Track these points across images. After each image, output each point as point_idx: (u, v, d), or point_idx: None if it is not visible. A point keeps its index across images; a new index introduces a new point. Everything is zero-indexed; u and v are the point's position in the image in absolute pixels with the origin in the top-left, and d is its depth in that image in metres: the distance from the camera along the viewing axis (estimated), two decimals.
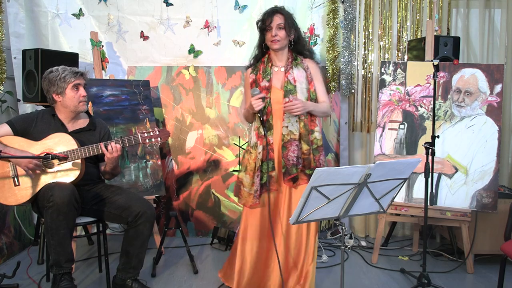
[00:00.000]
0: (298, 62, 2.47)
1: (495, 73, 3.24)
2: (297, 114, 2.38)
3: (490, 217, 3.20)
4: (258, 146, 2.44)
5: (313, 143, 2.45)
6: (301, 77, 2.45)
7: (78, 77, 2.60)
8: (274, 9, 2.45)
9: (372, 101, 3.96)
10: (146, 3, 3.91)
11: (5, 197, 2.49)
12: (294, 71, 2.45)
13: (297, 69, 2.46)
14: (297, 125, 2.42)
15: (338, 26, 3.77)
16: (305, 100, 2.45)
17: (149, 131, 2.58)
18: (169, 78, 3.93)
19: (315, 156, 2.44)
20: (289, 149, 2.40)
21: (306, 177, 2.42)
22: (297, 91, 2.42)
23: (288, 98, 2.40)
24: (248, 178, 2.45)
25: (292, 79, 2.43)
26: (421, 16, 3.90)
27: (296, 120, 2.42)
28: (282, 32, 2.40)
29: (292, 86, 2.42)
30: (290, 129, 2.41)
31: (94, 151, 2.50)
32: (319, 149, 2.45)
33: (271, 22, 2.41)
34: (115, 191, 2.68)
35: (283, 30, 2.40)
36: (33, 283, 2.88)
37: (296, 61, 2.48)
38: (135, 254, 2.59)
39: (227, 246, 3.58)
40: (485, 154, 3.18)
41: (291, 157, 2.40)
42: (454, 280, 3.03)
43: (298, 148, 2.40)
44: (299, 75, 2.45)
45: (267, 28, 2.43)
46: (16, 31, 3.72)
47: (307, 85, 2.46)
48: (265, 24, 2.43)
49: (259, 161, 2.42)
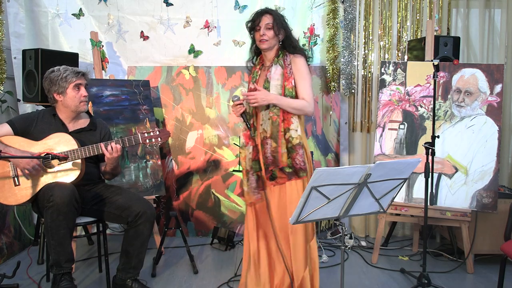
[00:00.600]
0: (279, 59, 2.44)
1: (495, 73, 3.24)
2: (255, 105, 2.39)
3: (490, 217, 3.20)
4: (248, 147, 2.48)
5: (288, 141, 2.38)
6: (276, 74, 2.41)
7: (79, 77, 2.61)
8: (263, 10, 2.46)
9: (372, 101, 3.96)
10: (146, 3, 3.91)
11: (5, 197, 2.49)
12: (272, 68, 2.43)
13: (275, 66, 2.43)
14: (269, 122, 2.40)
15: (338, 26, 3.77)
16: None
17: (149, 131, 2.58)
18: (169, 78, 3.93)
19: (291, 155, 2.37)
20: (265, 147, 2.41)
21: (286, 175, 2.39)
22: (270, 87, 2.41)
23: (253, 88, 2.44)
24: (243, 176, 2.53)
25: (269, 76, 2.42)
26: (421, 16, 3.90)
27: (268, 118, 2.40)
28: (270, 32, 2.40)
29: (268, 84, 2.42)
30: (264, 127, 2.41)
31: (94, 151, 2.50)
32: (295, 148, 2.36)
33: (259, 22, 2.41)
34: (115, 191, 2.68)
35: (271, 30, 2.40)
36: (33, 283, 2.88)
37: (277, 58, 2.45)
38: (135, 254, 2.60)
39: (227, 246, 3.58)
40: (485, 154, 3.18)
41: (268, 155, 2.40)
42: (454, 280, 3.03)
43: (270, 145, 2.40)
44: (275, 72, 2.42)
45: (256, 28, 2.43)
46: (16, 31, 3.72)
47: (281, 82, 2.41)
48: (254, 24, 2.44)
49: (249, 161, 2.46)
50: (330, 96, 3.89)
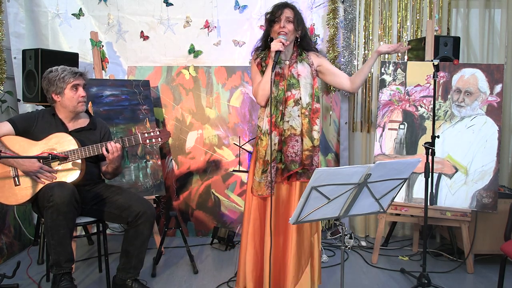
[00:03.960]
0: (303, 58, 2.45)
1: (495, 73, 3.24)
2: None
3: (490, 217, 3.20)
4: (273, 136, 2.37)
5: (316, 141, 2.41)
6: (305, 72, 2.42)
7: (77, 78, 2.60)
8: (285, 3, 2.43)
9: (372, 101, 3.96)
10: (146, 3, 3.91)
11: (5, 196, 2.49)
12: (298, 65, 2.42)
13: (302, 64, 2.43)
14: (299, 120, 2.38)
15: (338, 26, 3.77)
16: (309, 96, 2.41)
17: (150, 131, 2.58)
18: (169, 78, 3.93)
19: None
20: (289, 144, 2.38)
21: (297, 175, 2.40)
22: (300, 85, 2.39)
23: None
24: (258, 166, 2.41)
25: (296, 73, 2.40)
26: (421, 16, 3.90)
27: (298, 115, 2.38)
28: (290, 25, 2.38)
29: (295, 80, 2.39)
30: (291, 124, 2.38)
31: (94, 151, 2.50)
32: (316, 149, 2.42)
33: (280, 14, 2.38)
34: (115, 191, 2.68)
35: (291, 23, 2.38)
36: (33, 283, 2.88)
37: (301, 56, 2.45)
38: (135, 254, 2.59)
39: (227, 246, 3.58)
40: (485, 154, 3.18)
41: (290, 153, 2.37)
42: (454, 280, 3.03)
43: (299, 143, 2.37)
44: (302, 70, 2.42)
45: (276, 20, 2.39)
46: (16, 31, 3.72)
47: (311, 81, 2.43)
48: (274, 15, 2.41)
49: (275, 152, 2.37)
50: (330, 96, 3.89)
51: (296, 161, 2.38)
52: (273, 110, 2.37)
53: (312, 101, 2.42)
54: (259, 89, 2.39)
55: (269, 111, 2.34)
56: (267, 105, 2.39)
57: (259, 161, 2.42)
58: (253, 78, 2.51)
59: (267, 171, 2.38)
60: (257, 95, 2.41)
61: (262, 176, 2.40)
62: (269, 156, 2.36)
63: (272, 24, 2.42)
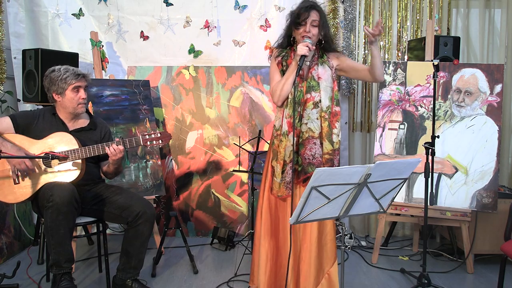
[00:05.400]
0: (324, 60, 2.42)
1: (495, 73, 3.24)
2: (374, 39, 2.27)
3: (490, 217, 3.20)
4: (290, 136, 2.36)
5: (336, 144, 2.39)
6: (325, 75, 2.39)
7: (79, 79, 2.59)
8: (312, 5, 2.37)
9: (372, 101, 3.96)
10: (146, 3, 3.91)
11: (4, 194, 2.48)
12: (319, 68, 2.39)
13: (322, 67, 2.40)
14: (317, 122, 2.36)
15: (338, 26, 3.77)
16: (329, 99, 2.38)
17: (151, 133, 2.58)
18: (169, 78, 3.93)
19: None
20: (307, 147, 2.36)
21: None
22: (320, 88, 2.36)
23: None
24: (279, 168, 2.40)
25: (316, 75, 2.38)
26: (421, 16, 3.90)
27: (317, 118, 2.36)
28: (315, 29, 2.34)
29: (315, 83, 2.37)
30: (309, 126, 2.36)
31: (95, 152, 2.50)
32: (336, 152, 2.40)
33: (307, 17, 2.33)
34: (115, 191, 2.68)
35: (316, 27, 2.34)
36: (33, 283, 2.88)
37: (322, 58, 2.42)
38: (135, 254, 2.60)
39: (227, 246, 3.58)
40: (485, 154, 3.18)
41: (307, 156, 2.35)
42: (454, 280, 3.03)
43: (317, 146, 2.35)
44: (323, 73, 2.39)
45: (302, 23, 2.35)
46: (16, 31, 3.72)
47: (331, 84, 2.39)
48: (299, 18, 2.35)
49: (291, 153, 2.36)
50: None
51: (314, 163, 2.35)
52: (291, 111, 2.35)
53: (332, 104, 2.39)
54: (278, 89, 2.37)
55: (288, 112, 2.35)
56: (283, 105, 2.39)
57: (279, 162, 2.40)
58: (272, 76, 2.48)
59: (285, 171, 2.38)
60: (275, 95, 2.39)
61: (281, 177, 2.39)
62: (287, 157, 2.36)
63: (297, 27, 2.36)
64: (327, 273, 2.43)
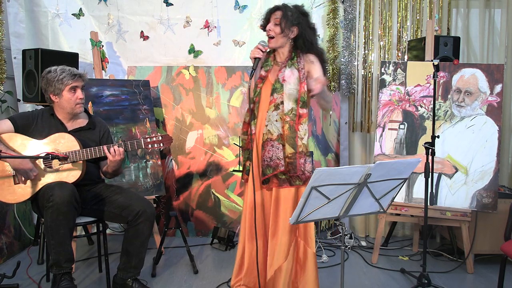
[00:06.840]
0: (293, 62, 2.37)
1: (495, 73, 3.24)
2: (315, 92, 2.28)
3: (490, 217, 3.20)
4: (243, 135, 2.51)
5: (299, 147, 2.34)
6: (292, 78, 2.34)
7: (76, 80, 2.58)
8: (275, 6, 2.41)
9: (372, 101, 3.96)
10: (146, 3, 3.91)
11: (3, 194, 2.49)
12: (286, 70, 2.36)
13: (290, 69, 2.36)
14: (277, 125, 2.34)
15: (338, 26, 3.77)
16: (294, 101, 2.34)
17: (152, 136, 2.58)
18: (169, 78, 3.93)
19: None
20: (266, 149, 2.36)
21: (278, 181, 2.36)
22: (283, 90, 2.33)
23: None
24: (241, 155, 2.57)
25: (282, 78, 2.36)
26: (421, 16, 3.90)
27: (276, 120, 2.34)
28: (277, 28, 2.34)
29: (279, 85, 2.35)
30: (269, 128, 2.35)
31: (96, 154, 2.50)
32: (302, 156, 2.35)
33: (269, 17, 2.39)
34: (115, 190, 2.68)
35: (278, 26, 2.34)
36: (33, 283, 2.88)
37: (292, 60, 2.38)
38: (135, 253, 2.60)
39: (227, 246, 3.58)
40: (485, 154, 3.18)
41: (266, 157, 2.35)
42: (454, 280, 3.03)
43: (276, 149, 2.33)
44: (289, 75, 2.35)
45: (267, 23, 2.40)
46: (16, 31, 3.72)
47: (297, 86, 2.34)
48: (264, 19, 2.42)
49: (245, 152, 2.52)
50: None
51: (272, 166, 2.34)
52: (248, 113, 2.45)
53: (297, 107, 2.34)
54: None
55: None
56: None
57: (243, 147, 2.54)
58: None
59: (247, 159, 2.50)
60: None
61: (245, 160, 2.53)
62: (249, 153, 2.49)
63: (265, 28, 2.42)
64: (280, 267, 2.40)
